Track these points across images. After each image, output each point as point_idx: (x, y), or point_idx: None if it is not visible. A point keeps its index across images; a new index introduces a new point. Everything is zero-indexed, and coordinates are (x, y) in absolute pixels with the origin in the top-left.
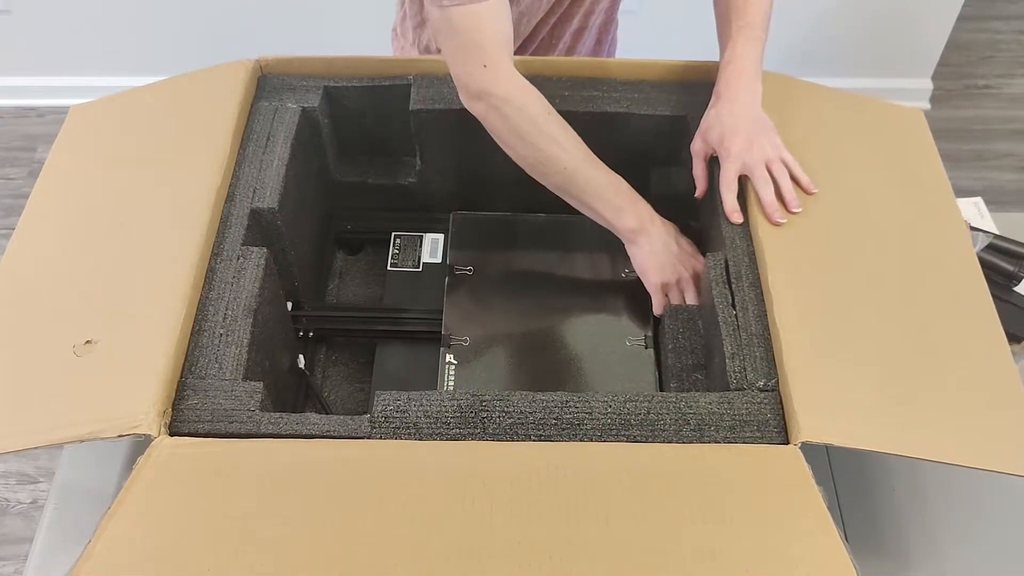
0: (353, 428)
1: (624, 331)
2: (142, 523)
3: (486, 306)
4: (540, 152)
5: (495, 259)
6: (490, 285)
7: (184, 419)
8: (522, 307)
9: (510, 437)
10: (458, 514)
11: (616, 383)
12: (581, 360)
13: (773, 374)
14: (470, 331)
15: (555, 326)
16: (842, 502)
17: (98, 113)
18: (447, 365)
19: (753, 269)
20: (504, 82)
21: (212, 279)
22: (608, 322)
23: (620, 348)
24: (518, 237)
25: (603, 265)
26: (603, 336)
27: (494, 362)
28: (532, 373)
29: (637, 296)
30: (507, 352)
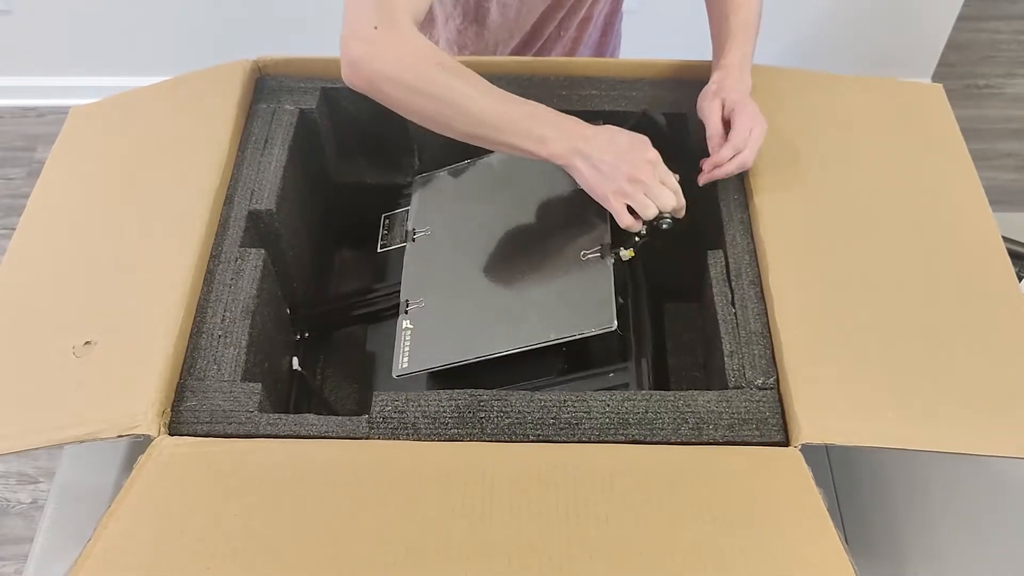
0: (351, 429)
1: (579, 246)
2: (142, 522)
3: (443, 263)
4: (438, 103)
5: (453, 214)
6: (448, 241)
7: (183, 420)
8: (478, 255)
9: (508, 437)
10: (457, 514)
11: (572, 302)
12: (538, 292)
13: (772, 372)
14: (427, 293)
15: (511, 264)
16: (841, 502)
17: (98, 114)
18: (403, 332)
19: (753, 267)
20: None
21: (211, 281)
22: (562, 242)
23: (575, 265)
24: (476, 184)
25: (558, 185)
26: (558, 258)
27: (450, 318)
28: (488, 321)
29: (590, 206)
30: (464, 304)
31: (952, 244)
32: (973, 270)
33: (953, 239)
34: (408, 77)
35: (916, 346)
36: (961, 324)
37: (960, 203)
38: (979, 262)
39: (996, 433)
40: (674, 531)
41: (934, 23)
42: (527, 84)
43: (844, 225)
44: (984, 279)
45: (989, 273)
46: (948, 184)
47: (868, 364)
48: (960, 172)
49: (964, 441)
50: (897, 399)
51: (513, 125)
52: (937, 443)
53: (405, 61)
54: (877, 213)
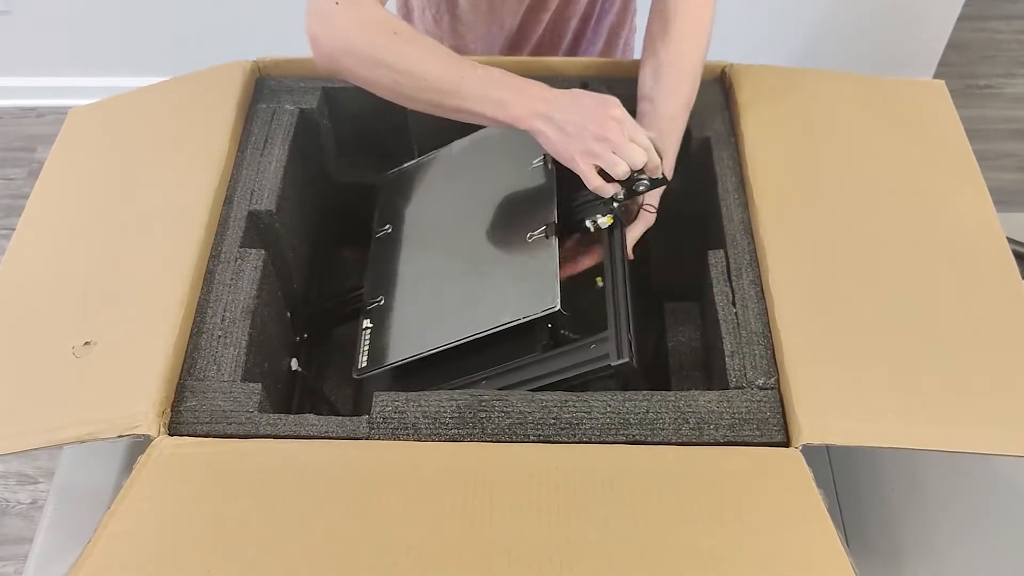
0: (351, 429)
1: (526, 228)
2: (143, 523)
3: (401, 261)
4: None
5: (410, 211)
6: (405, 238)
7: (183, 420)
8: (433, 249)
9: (509, 438)
10: (458, 515)
11: (519, 285)
12: (487, 278)
13: (773, 372)
14: (386, 290)
15: (463, 254)
16: (842, 502)
17: (97, 115)
18: (363, 332)
19: (754, 266)
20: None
21: (211, 281)
22: (511, 226)
23: (521, 247)
24: (433, 178)
25: (510, 166)
26: (506, 242)
27: (407, 314)
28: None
29: (536, 186)
30: (419, 299)
31: (955, 243)
32: (975, 269)
33: (956, 238)
34: (364, 46)
35: (917, 346)
36: (963, 323)
37: (963, 201)
38: (982, 261)
39: (998, 432)
40: (674, 532)
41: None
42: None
43: (845, 224)
44: (986, 278)
45: (991, 272)
46: (951, 182)
47: (869, 364)
48: (963, 170)
49: (965, 440)
50: (898, 399)
51: (471, 90)
52: (938, 442)
53: (361, 31)
54: (879, 212)
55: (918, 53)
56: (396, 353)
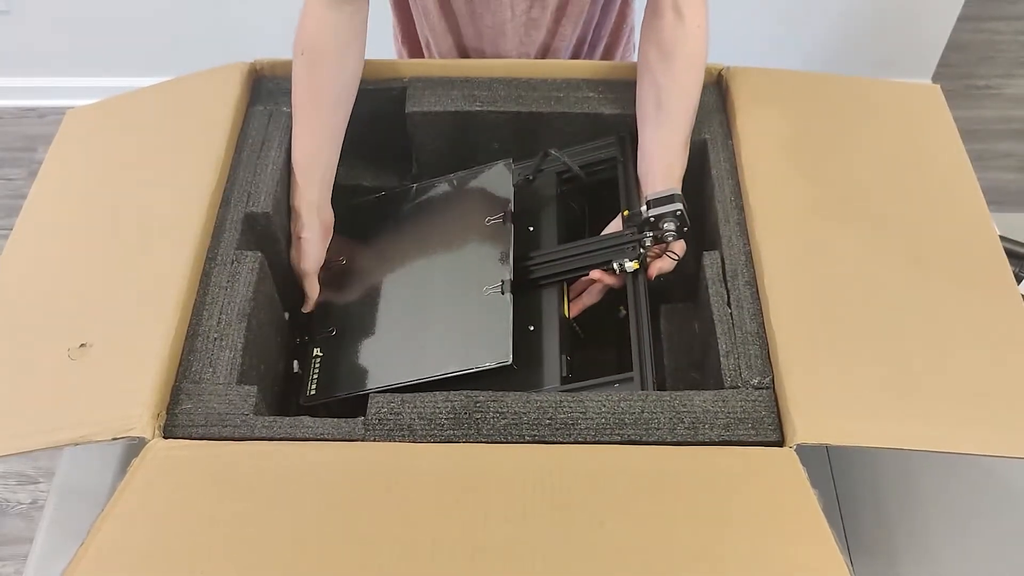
0: (347, 431)
1: (482, 280)
2: (135, 525)
3: (355, 293)
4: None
5: (369, 243)
6: (361, 270)
7: (178, 423)
8: (387, 285)
9: (504, 438)
10: (453, 517)
11: (472, 335)
12: (440, 325)
13: (768, 372)
14: (338, 322)
15: (417, 297)
16: (842, 501)
17: (93, 117)
18: (313, 360)
19: (749, 267)
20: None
21: (207, 283)
22: (467, 276)
23: (477, 299)
24: (394, 213)
25: (468, 218)
26: (462, 292)
27: (357, 348)
28: (391, 351)
29: (495, 240)
30: (370, 335)
31: (950, 245)
32: (971, 270)
33: (951, 240)
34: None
35: (912, 346)
36: (957, 324)
37: (958, 203)
38: (977, 262)
39: (993, 432)
40: (669, 534)
41: (934, 24)
42: (524, 87)
43: (840, 226)
44: (982, 279)
45: (987, 273)
46: (945, 184)
47: (863, 364)
48: (957, 172)
49: (961, 441)
50: (893, 399)
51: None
52: (934, 443)
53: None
54: (874, 214)
55: (918, 54)
56: (346, 385)
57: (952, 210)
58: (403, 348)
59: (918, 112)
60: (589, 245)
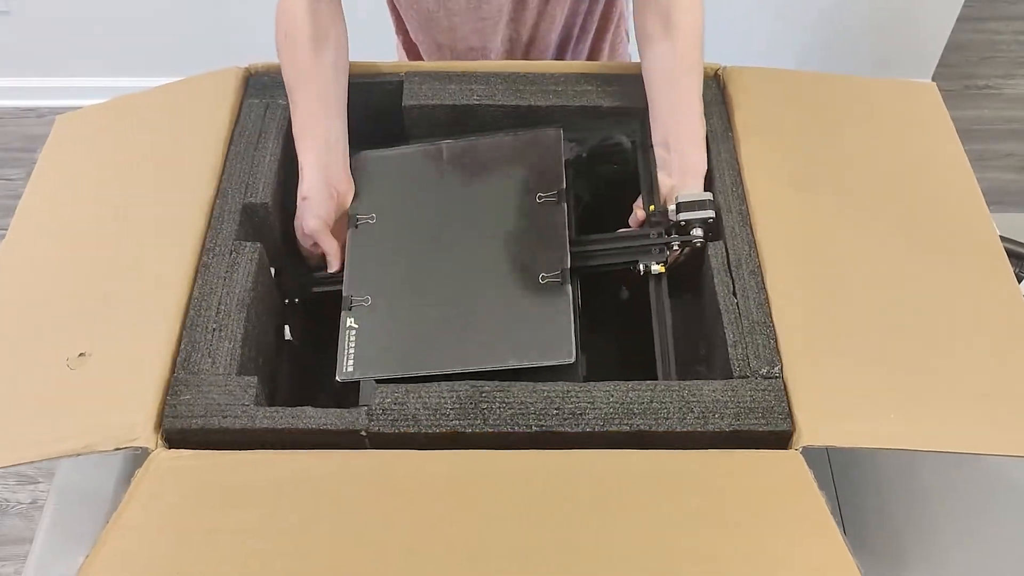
0: (351, 421)
1: (538, 266)
2: (140, 538)
3: (390, 258)
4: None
5: (400, 202)
6: (395, 233)
7: (178, 415)
8: (427, 253)
9: (510, 428)
10: (458, 522)
11: (530, 328)
12: (493, 310)
13: (776, 361)
14: (373, 289)
15: (464, 273)
16: (841, 501)
17: (85, 121)
18: (348, 331)
19: (753, 257)
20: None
21: (205, 274)
22: (520, 258)
23: (533, 287)
24: (427, 171)
25: (516, 190)
26: (515, 276)
27: (399, 324)
28: (439, 333)
29: (551, 223)
30: (412, 311)
31: (950, 243)
32: (971, 269)
33: (950, 238)
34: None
35: (914, 345)
36: (960, 323)
37: (956, 200)
38: (977, 260)
39: (995, 431)
40: (675, 536)
41: (934, 24)
42: (522, 81)
43: (841, 225)
44: (983, 278)
45: (987, 273)
46: (944, 181)
47: (867, 364)
48: (955, 169)
49: (965, 440)
50: (896, 399)
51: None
52: (939, 443)
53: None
54: (874, 212)
55: (917, 54)
56: (388, 366)
57: (952, 210)
58: (453, 331)
59: (915, 110)
60: (613, 241)
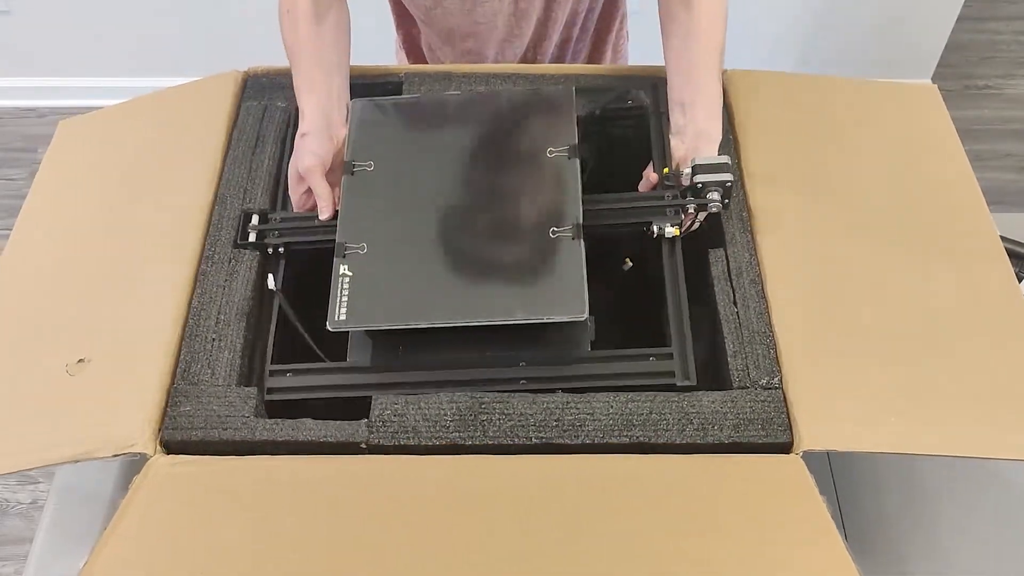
0: (350, 433)
1: (549, 221)
2: (138, 545)
3: (388, 206)
4: None
5: (400, 150)
6: (393, 181)
7: (177, 426)
8: (429, 203)
9: (510, 439)
10: (459, 528)
11: (540, 282)
12: (499, 262)
13: (776, 371)
14: (369, 236)
15: (466, 222)
16: (841, 502)
17: (86, 128)
18: (340, 279)
19: (753, 266)
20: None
21: (204, 283)
22: (529, 211)
23: (543, 241)
24: (430, 121)
25: (526, 143)
26: (524, 229)
27: (395, 272)
28: (440, 283)
29: (563, 177)
30: (410, 258)
31: (950, 244)
32: (972, 270)
33: (951, 238)
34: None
35: (916, 348)
36: (960, 324)
37: (957, 201)
38: (978, 262)
39: (997, 434)
40: (676, 540)
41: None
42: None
43: (841, 227)
44: (984, 279)
45: (988, 273)
46: (945, 183)
47: (868, 368)
48: (956, 170)
49: (965, 444)
50: (897, 403)
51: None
52: (939, 447)
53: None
54: (874, 214)
55: (917, 54)
56: (384, 316)
57: (952, 210)
58: (454, 283)
59: (916, 112)
60: (625, 202)
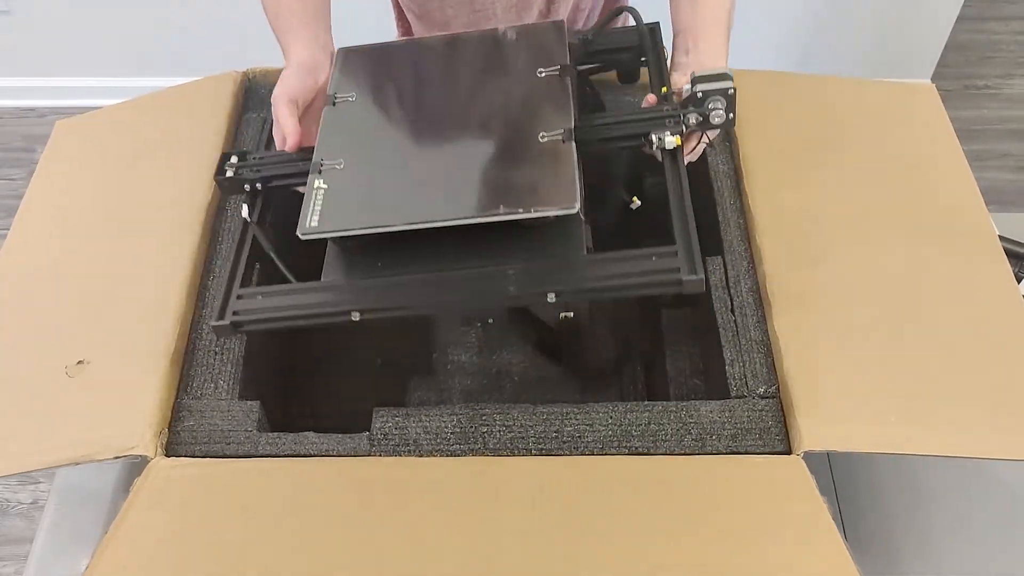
0: (352, 447)
1: (537, 126)
2: (140, 549)
3: (370, 128)
4: None
5: (385, 82)
6: (376, 108)
7: (181, 441)
8: (413, 122)
9: (511, 452)
10: (461, 533)
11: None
12: (485, 165)
13: (773, 381)
14: (347, 155)
15: (453, 136)
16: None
17: (84, 128)
18: (315, 192)
19: (751, 274)
20: None
21: (204, 296)
22: (516, 119)
23: (532, 146)
24: (414, 59)
25: (514, 65)
26: (512, 136)
27: (376, 181)
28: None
29: (553, 92)
30: (391, 168)
31: (950, 245)
32: (971, 271)
33: (951, 240)
34: None
35: (915, 350)
36: (959, 325)
37: (956, 202)
38: (977, 263)
39: (997, 435)
40: (678, 545)
41: (934, 24)
42: None
43: (841, 229)
44: (983, 280)
45: (988, 274)
46: (944, 183)
47: (868, 369)
48: (954, 170)
49: (966, 445)
50: (897, 404)
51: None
52: (939, 447)
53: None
54: (873, 215)
55: (917, 54)
56: (361, 220)
57: (951, 210)
58: (437, 186)
59: (914, 112)
60: (622, 116)
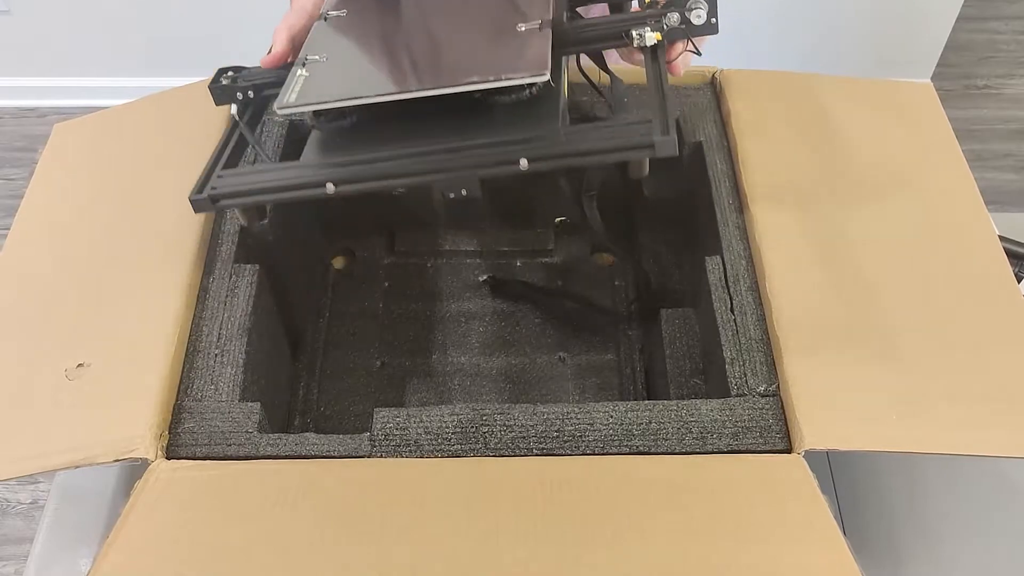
0: (353, 448)
1: (516, 19)
2: (141, 552)
3: (358, 37)
4: None
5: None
6: (368, 20)
7: (181, 443)
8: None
9: (512, 452)
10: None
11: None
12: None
13: (774, 379)
14: (332, 50)
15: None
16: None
17: (82, 131)
18: (296, 79)
19: (751, 272)
20: None
21: (205, 298)
22: (497, 16)
23: (509, 35)
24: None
25: None
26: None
27: (356, 65)
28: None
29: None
30: (371, 57)
31: (950, 244)
32: (971, 270)
33: (950, 239)
34: None
35: (916, 348)
36: (959, 324)
37: (955, 202)
38: (977, 262)
39: (997, 433)
40: (682, 545)
41: (934, 24)
42: None
43: (838, 228)
44: (983, 279)
45: (988, 273)
46: (942, 182)
47: (867, 367)
48: (953, 169)
49: (967, 443)
50: (898, 402)
51: None
52: (941, 446)
53: None
54: (871, 214)
55: (917, 54)
56: (337, 94)
57: (951, 210)
58: (415, 65)
59: (912, 110)
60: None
